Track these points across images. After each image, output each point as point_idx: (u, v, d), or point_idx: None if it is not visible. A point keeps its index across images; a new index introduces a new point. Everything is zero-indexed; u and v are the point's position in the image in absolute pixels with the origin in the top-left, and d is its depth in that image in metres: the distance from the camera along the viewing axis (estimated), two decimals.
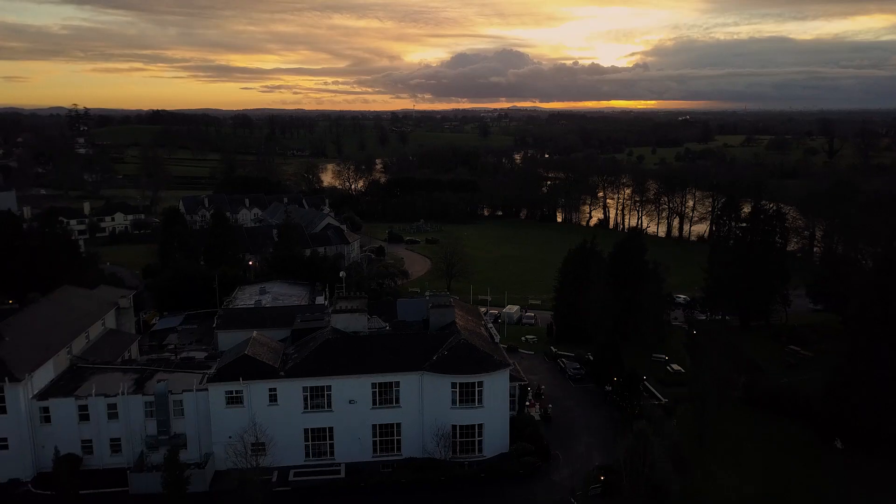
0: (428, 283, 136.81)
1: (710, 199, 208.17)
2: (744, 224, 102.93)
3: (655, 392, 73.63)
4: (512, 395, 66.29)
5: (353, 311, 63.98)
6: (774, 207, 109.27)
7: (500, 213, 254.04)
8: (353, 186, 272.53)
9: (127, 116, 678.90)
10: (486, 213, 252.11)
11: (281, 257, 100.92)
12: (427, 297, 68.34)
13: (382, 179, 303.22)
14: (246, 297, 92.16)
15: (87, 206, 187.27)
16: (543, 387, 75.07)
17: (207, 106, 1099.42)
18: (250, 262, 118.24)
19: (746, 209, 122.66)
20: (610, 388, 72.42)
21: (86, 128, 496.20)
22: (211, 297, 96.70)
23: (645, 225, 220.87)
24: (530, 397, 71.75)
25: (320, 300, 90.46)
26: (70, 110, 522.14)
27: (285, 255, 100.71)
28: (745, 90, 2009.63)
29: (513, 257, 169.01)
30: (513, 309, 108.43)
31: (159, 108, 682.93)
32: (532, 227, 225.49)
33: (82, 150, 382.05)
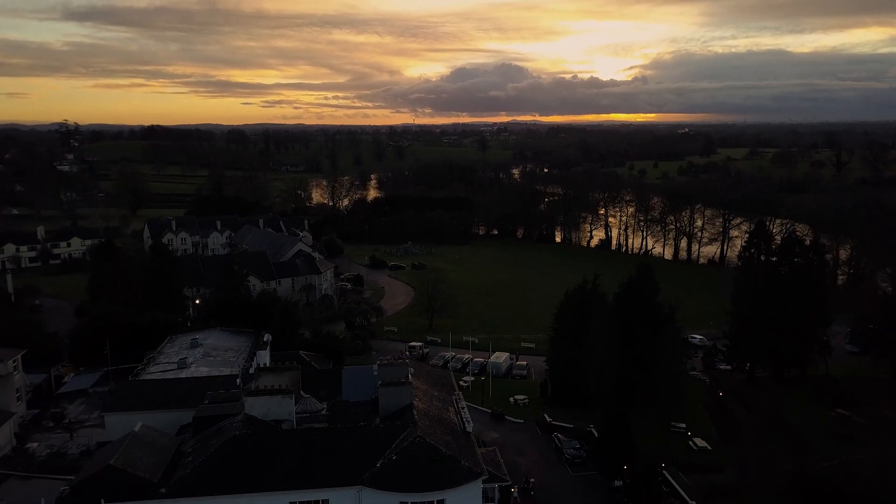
0: (407, 320, 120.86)
1: (721, 219, 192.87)
2: (774, 258, 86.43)
3: (677, 486, 56.82)
4: (490, 499, 50.05)
5: (275, 393, 47.70)
6: (810, 236, 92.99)
7: (495, 231, 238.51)
8: (338, 204, 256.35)
9: (120, 132, 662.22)
10: (480, 233, 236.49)
11: (221, 300, 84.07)
12: (375, 368, 51.68)
13: (374, 196, 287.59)
14: (173, 352, 75.66)
15: (41, 230, 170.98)
16: (532, 479, 58.16)
17: (208, 121, 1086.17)
18: (196, 301, 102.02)
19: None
20: (619, 482, 55.90)
21: (77, 143, 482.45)
22: (138, 349, 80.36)
23: (650, 246, 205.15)
24: (515, 495, 55.34)
25: (263, 354, 74.39)
26: (60, 125, 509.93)
27: (227, 297, 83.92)
28: (744, 102, 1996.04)
29: (506, 285, 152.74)
30: (501, 357, 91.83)
31: (159, 124, 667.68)
32: (529, 249, 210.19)
33: (66, 167, 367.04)
